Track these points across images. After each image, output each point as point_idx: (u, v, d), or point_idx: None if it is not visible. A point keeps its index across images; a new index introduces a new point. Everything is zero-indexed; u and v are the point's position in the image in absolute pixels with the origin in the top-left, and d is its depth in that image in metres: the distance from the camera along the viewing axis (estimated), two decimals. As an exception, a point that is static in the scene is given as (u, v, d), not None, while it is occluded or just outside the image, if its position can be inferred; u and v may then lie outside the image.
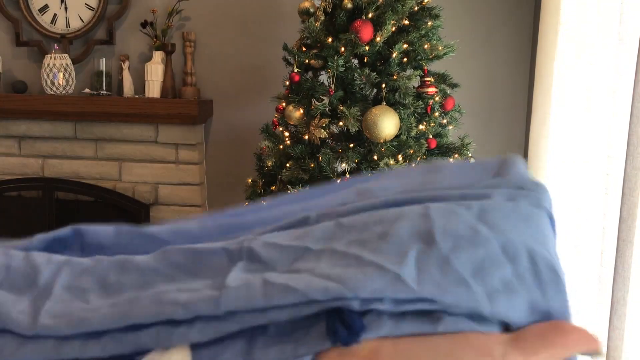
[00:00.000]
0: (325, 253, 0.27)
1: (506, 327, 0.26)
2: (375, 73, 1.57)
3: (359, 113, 1.54)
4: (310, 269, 0.26)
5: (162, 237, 0.32)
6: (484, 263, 0.26)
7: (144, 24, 2.35)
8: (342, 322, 0.25)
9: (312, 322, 0.25)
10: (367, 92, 1.67)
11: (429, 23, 1.63)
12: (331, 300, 0.24)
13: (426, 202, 0.29)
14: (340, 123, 1.59)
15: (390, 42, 1.59)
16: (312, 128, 1.61)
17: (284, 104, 1.71)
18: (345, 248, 0.27)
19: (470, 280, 0.25)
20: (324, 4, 1.62)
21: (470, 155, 1.67)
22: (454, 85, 1.71)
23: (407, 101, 1.55)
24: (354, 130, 1.55)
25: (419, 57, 1.60)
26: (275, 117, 1.78)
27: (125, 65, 2.38)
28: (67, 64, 2.34)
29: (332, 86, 1.58)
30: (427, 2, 1.65)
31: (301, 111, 1.65)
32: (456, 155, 1.68)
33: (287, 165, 1.67)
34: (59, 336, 0.27)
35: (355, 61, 1.65)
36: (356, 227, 0.28)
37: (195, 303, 0.26)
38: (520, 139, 2.32)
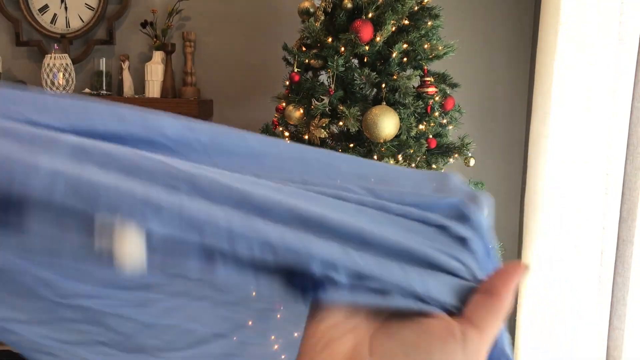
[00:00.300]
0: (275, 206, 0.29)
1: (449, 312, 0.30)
2: (375, 73, 1.57)
3: (359, 113, 1.54)
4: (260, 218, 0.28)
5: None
6: (418, 254, 0.30)
7: (144, 24, 2.35)
8: (306, 281, 0.27)
9: (274, 273, 0.27)
10: (367, 92, 1.67)
11: (429, 23, 1.62)
12: (287, 252, 0.27)
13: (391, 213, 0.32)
14: (340, 123, 1.59)
15: (390, 42, 1.59)
16: (312, 128, 1.61)
17: (284, 104, 1.71)
18: (289, 218, 0.28)
19: (406, 265, 0.29)
20: (324, 4, 1.62)
21: (470, 155, 1.67)
22: (454, 85, 1.71)
23: (407, 101, 1.55)
24: (354, 130, 1.55)
25: (419, 57, 1.60)
26: (275, 117, 1.78)
27: (125, 65, 2.38)
28: (67, 64, 2.34)
29: (332, 86, 1.58)
30: (427, 2, 1.65)
31: (301, 111, 1.65)
32: (456, 155, 1.68)
33: (287, 165, 1.67)
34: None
35: (355, 61, 1.65)
36: (304, 196, 0.30)
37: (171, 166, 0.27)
38: (520, 139, 2.32)
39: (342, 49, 1.56)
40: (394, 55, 1.56)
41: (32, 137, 0.27)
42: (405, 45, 1.59)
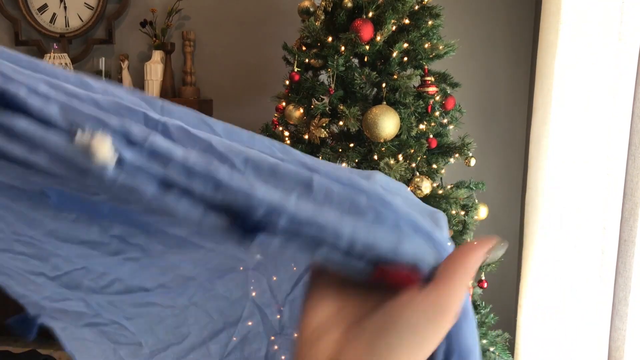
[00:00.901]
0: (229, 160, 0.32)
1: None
2: (375, 72, 1.57)
3: (359, 113, 1.54)
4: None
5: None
6: (350, 204, 0.32)
7: (143, 23, 2.34)
8: (247, 225, 0.31)
9: (221, 215, 0.31)
10: (368, 92, 1.67)
11: (430, 22, 1.62)
12: (235, 192, 0.30)
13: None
14: (340, 123, 1.58)
15: (390, 42, 1.59)
16: (312, 128, 1.60)
17: (283, 104, 1.70)
18: (244, 167, 0.32)
19: (339, 212, 0.31)
20: (324, 3, 1.62)
21: (470, 154, 1.67)
22: (454, 85, 1.71)
23: (407, 101, 1.55)
24: (354, 130, 1.55)
25: (419, 57, 1.59)
26: (275, 116, 1.77)
27: (125, 65, 2.37)
28: (66, 64, 2.33)
29: (332, 86, 1.58)
30: (428, 1, 1.64)
31: (301, 111, 1.64)
32: (457, 155, 1.67)
33: (287, 165, 1.66)
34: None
35: (356, 60, 1.64)
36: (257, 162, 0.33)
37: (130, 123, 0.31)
38: (520, 139, 2.32)
39: (343, 48, 1.56)
40: (394, 54, 1.56)
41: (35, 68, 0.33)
42: (405, 45, 1.58)
